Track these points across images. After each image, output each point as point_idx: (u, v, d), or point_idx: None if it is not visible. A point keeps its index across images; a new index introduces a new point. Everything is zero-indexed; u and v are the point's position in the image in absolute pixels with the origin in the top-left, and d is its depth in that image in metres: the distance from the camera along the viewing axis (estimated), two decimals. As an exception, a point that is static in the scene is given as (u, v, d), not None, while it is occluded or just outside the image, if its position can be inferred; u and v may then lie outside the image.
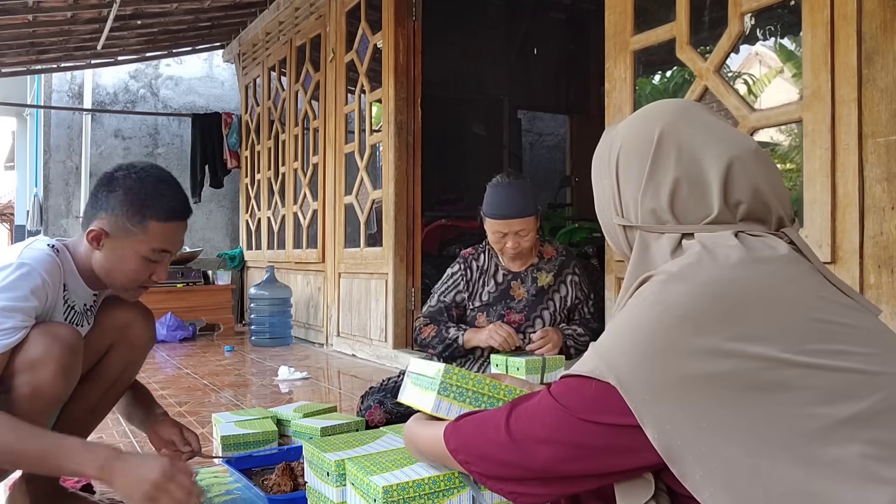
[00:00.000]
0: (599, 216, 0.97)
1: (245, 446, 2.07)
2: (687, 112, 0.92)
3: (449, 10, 6.13)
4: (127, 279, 1.51)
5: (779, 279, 0.78)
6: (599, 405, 0.78)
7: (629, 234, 0.92)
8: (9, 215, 13.48)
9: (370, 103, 4.48)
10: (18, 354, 1.35)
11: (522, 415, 0.86)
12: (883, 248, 1.79)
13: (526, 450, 0.84)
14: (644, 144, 0.89)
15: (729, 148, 0.88)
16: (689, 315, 0.75)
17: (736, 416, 0.72)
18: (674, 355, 0.74)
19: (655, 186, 0.87)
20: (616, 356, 0.77)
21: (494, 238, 2.26)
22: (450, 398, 1.20)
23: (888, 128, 1.78)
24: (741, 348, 0.73)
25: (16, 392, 1.34)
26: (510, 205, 2.19)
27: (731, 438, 0.72)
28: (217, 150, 6.68)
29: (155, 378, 3.70)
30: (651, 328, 0.76)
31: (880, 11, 1.81)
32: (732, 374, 0.72)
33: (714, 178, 0.85)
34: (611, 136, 0.95)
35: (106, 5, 4.73)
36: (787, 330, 0.74)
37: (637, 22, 2.57)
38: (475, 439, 0.93)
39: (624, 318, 0.81)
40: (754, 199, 0.86)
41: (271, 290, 5.00)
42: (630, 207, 0.90)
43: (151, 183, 1.47)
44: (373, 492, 1.27)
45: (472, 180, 6.71)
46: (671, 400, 0.73)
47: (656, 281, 0.81)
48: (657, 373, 0.74)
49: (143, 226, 1.46)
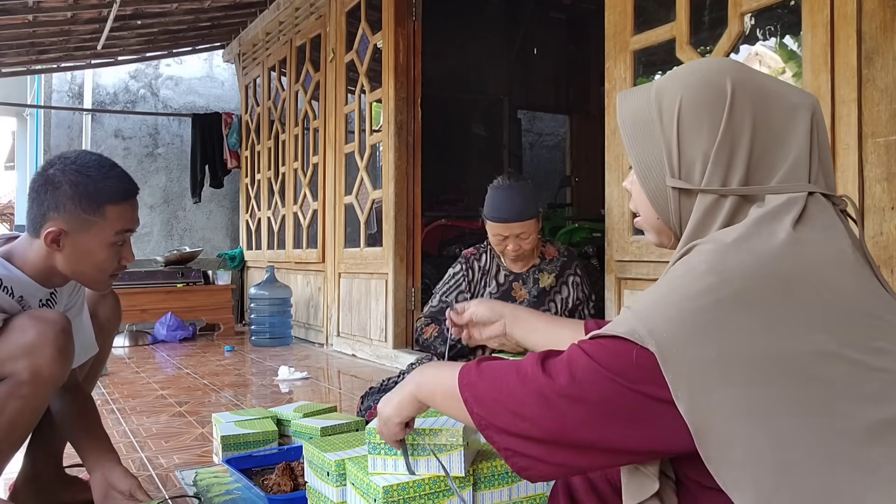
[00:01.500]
0: (643, 182, 0.86)
1: (245, 446, 2.07)
2: (745, 65, 0.85)
3: (449, 10, 6.13)
4: (98, 270, 1.48)
5: (839, 265, 0.74)
6: (634, 369, 0.72)
7: (684, 199, 0.82)
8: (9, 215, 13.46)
9: (370, 103, 4.48)
10: (11, 343, 1.34)
11: (550, 367, 0.79)
12: (883, 248, 1.79)
13: (546, 403, 0.76)
14: (716, 96, 0.80)
15: (806, 98, 0.82)
16: (744, 291, 0.70)
17: (776, 404, 0.68)
18: (722, 331, 0.69)
19: (732, 141, 0.79)
20: (658, 323, 0.71)
21: (495, 240, 2.26)
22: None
23: (888, 128, 1.78)
24: (795, 335, 0.69)
25: (15, 379, 1.34)
26: (511, 208, 2.19)
27: (766, 426, 0.68)
28: (217, 150, 6.68)
29: (155, 378, 3.70)
30: (701, 299, 0.71)
31: (880, 11, 1.81)
32: (781, 360, 0.68)
33: (799, 131, 0.80)
34: (656, 93, 0.85)
35: (106, 5, 4.73)
36: (843, 322, 0.70)
37: (637, 22, 2.57)
38: (490, 382, 0.84)
39: (670, 284, 0.74)
40: (825, 157, 0.81)
41: (271, 290, 5.00)
42: (696, 167, 0.81)
43: (94, 170, 1.46)
44: (373, 492, 1.27)
45: (472, 180, 6.73)
46: (711, 377, 0.69)
47: (709, 250, 0.75)
48: (701, 347, 0.69)
49: (101, 213, 1.44)
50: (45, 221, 1.44)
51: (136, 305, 5.15)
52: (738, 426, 0.69)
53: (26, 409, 1.36)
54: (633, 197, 0.91)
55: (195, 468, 2.04)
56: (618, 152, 2.61)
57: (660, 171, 0.84)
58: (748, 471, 0.69)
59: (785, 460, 0.68)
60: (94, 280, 1.51)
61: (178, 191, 6.99)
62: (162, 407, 2.93)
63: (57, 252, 1.45)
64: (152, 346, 5.10)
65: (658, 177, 0.84)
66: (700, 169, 0.81)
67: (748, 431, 0.69)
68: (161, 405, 2.97)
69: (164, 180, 6.96)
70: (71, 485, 1.71)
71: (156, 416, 2.75)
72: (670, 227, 0.86)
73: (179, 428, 2.57)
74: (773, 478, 0.68)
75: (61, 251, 1.45)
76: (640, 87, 0.89)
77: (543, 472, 0.80)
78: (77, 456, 1.63)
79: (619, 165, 2.61)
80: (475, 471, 1.35)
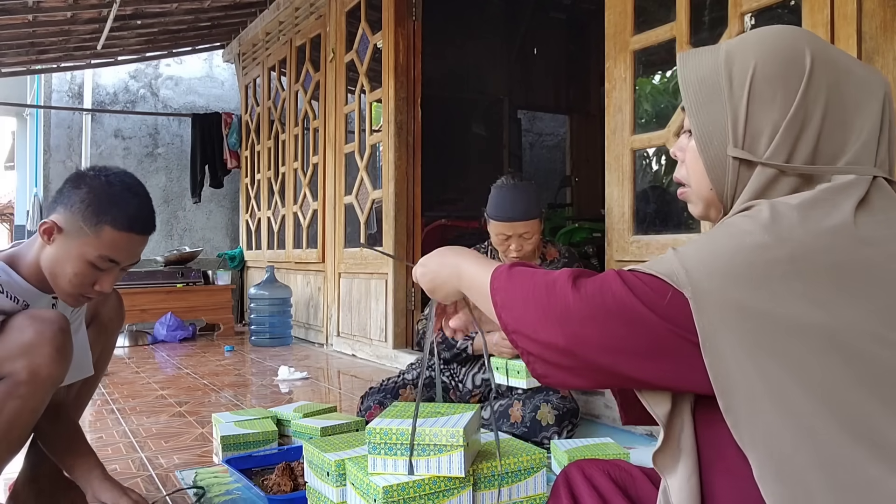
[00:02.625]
0: (703, 150, 0.82)
1: (245, 446, 2.07)
2: (819, 37, 0.82)
3: (449, 10, 6.12)
4: (67, 282, 1.43)
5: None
6: (667, 307, 0.71)
7: (743, 171, 0.79)
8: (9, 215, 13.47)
9: (370, 103, 4.48)
10: (9, 343, 1.34)
11: (582, 285, 0.77)
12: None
13: (570, 319, 0.76)
14: (795, 67, 0.77)
15: (878, 76, 0.80)
16: (798, 255, 0.68)
17: (808, 371, 0.67)
18: (766, 289, 0.68)
19: (805, 116, 0.76)
20: (701, 270, 0.70)
21: (498, 240, 2.25)
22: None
23: (888, 128, 1.78)
24: (841, 308, 0.67)
25: (13, 379, 1.33)
26: (514, 207, 2.19)
27: (794, 392, 0.67)
28: (217, 150, 6.68)
29: (155, 378, 3.70)
30: (751, 254, 0.69)
31: (880, 11, 1.81)
32: (821, 330, 0.67)
33: (871, 111, 0.77)
34: (726, 57, 0.81)
35: (106, 5, 4.73)
36: (891, 309, 0.69)
37: (637, 22, 2.57)
38: (520, 289, 0.82)
39: (722, 234, 0.73)
40: (893, 140, 0.79)
41: (271, 290, 5.00)
42: (761, 139, 0.78)
43: (118, 189, 1.43)
44: (373, 492, 1.27)
45: (472, 180, 6.72)
46: (744, 333, 0.68)
47: (770, 208, 0.73)
48: (740, 301, 0.68)
49: (96, 228, 1.40)
50: (52, 212, 1.44)
51: (135, 305, 5.15)
52: (761, 386, 0.68)
53: (24, 408, 1.35)
54: (687, 164, 0.87)
55: (195, 468, 2.04)
56: (618, 152, 2.61)
57: (721, 140, 0.80)
58: (768, 433, 0.68)
59: (809, 430, 0.67)
60: (62, 290, 1.46)
61: (177, 191, 6.99)
62: (162, 407, 2.93)
63: (47, 247, 1.44)
64: (152, 346, 5.10)
65: (719, 145, 0.80)
66: (766, 142, 0.78)
67: (772, 393, 0.67)
68: (161, 405, 2.97)
69: (163, 180, 6.96)
70: (71, 488, 1.71)
71: (156, 417, 2.75)
72: (721, 200, 0.83)
73: (179, 428, 2.57)
74: (792, 445, 0.67)
75: (50, 247, 1.43)
76: (705, 49, 0.85)
77: (560, 380, 0.80)
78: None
79: (619, 165, 2.60)
80: (475, 471, 1.35)
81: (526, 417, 2.18)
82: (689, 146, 0.86)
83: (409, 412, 1.40)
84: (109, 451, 2.25)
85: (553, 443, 2.02)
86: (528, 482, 1.41)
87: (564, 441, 2.03)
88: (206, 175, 6.66)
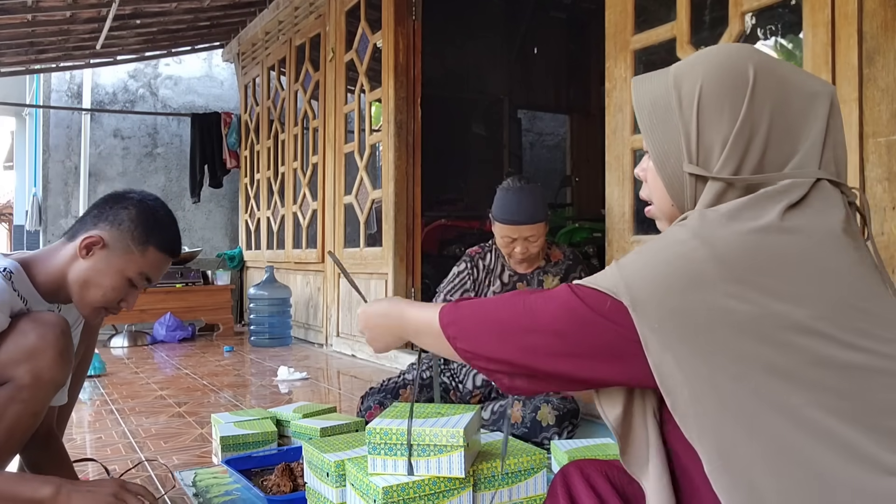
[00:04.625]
0: (659, 169, 0.86)
1: (245, 447, 2.07)
2: (764, 52, 0.86)
3: (449, 10, 6.12)
4: (101, 295, 1.48)
5: (820, 247, 0.75)
6: (612, 312, 0.76)
7: (700, 185, 0.83)
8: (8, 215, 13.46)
9: (370, 103, 4.47)
10: (12, 347, 1.34)
11: (535, 299, 0.83)
12: (884, 247, 1.79)
13: (528, 331, 0.82)
14: (738, 82, 0.80)
15: (824, 86, 0.82)
16: (724, 256, 0.72)
17: (743, 365, 0.71)
18: (698, 292, 0.72)
19: (751, 128, 0.79)
20: (638, 279, 0.75)
21: (503, 242, 2.24)
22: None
23: (889, 127, 1.78)
24: (768, 302, 0.71)
25: (16, 383, 1.34)
26: (520, 210, 2.17)
27: (729, 387, 0.71)
28: (216, 150, 6.67)
29: (154, 378, 3.69)
30: (682, 260, 0.74)
31: (881, 11, 1.80)
32: (752, 324, 0.70)
33: (816, 118, 0.80)
34: (674, 79, 0.85)
35: (105, 5, 4.72)
36: (818, 300, 0.72)
37: (637, 21, 2.57)
38: (475, 315, 0.89)
39: (657, 245, 0.78)
40: (839, 145, 0.81)
41: (271, 291, 4.99)
42: (713, 152, 0.81)
43: (162, 214, 1.55)
44: (373, 492, 1.27)
45: (472, 180, 6.73)
46: (682, 335, 0.72)
47: (699, 217, 0.78)
48: (675, 306, 0.72)
49: (143, 248, 1.49)
50: (93, 228, 1.48)
51: (135, 305, 5.12)
52: (705, 387, 0.72)
53: (26, 412, 1.36)
54: (648, 184, 0.91)
55: (194, 469, 2.04)
56: (618, 152, 2.61)
57: (677, 158, 0.84)
58: (712, 428, 0.72)
59: (748, 423, 0.71)
60: (89, 302, 1.49)
61: (177, 191, 6.98)
62: (161, 407, 2.93)
63: (80, 260, 1.47)
64: (151, 346, 5.10)
65: (675, 163, 0.84)
66: (717, 156, 0.81)
67: (715, 392, 0.72)
68: (160, 406, 2.97)
69: (163, 180, 6.95)
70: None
71: (155, 417, 2.75)
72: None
73: (179, 428, 2.56)
74: (735, 433, 0.71)
75: (86, 260, 1.47)
76: (656, 73, 0.88)
77: (525, 390, 0.87)
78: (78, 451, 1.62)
79: (619, 165, 2.60)
80: (475, 471, 1.35)
81: (526, 418, 2.18)
82: (648, 166, 0.90)
83: (407, 413, 1.40)
84: (109, 451, 2.24)
85: (553, 443, 2.01)
86: (529, 483, 1.41)
87: (564, 441, 2.02)
88: (206, 175, 6.65)
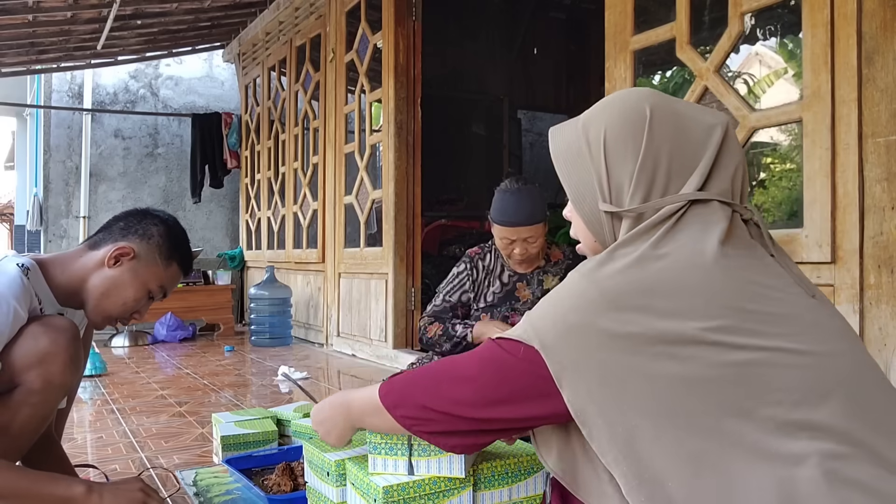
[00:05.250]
0: (578, 210, 0.94)
1: (245, 446, 2.07)
2: (661, 93, 0.94)
3: (449, 10, 6.12)
4: (121, 304, 1.52)
5: (702, 265, 0.81)
6: (527, 354, 0.84)
7: (616, 222, 0.90)
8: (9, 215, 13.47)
9: (370, 103, 4.48)
10: (23, 351, 1.34)
11: (463, 355, 0.94)
12: (883, 248, 1.79)
13: (454, 383, 0.90)
14: (636, 121, 0.88)
15: (718, 117, 0.90)
16: (606, 291, 0.80)
17: (643, 385, 0.77)
18: (590, 326, 0.79)
19: (654, 160, 0.87)
20: (542, 324, 0.83)
21: (502, 244, 2.24)
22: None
23: (888, 127, 1.78)
24: (651, 322, 0.77)
25: (27, 387, 1.35)
26: (518, 212, 2.17)
27: (635, 407, 0.77)
28: (217, 150, 6.68)
29: (155, 378, 3.70)
30: (574, 301, 0.82)
31: (880, 11, 1.80)
32: (643, 344, 0.77)
33: (710, 146, 0.87)
34: (583, 126, 0.93)
35: (106, 5, 4.73)
36: (703, 312, 0.78)
37: (637, 22, 2.57)
38: (409, 381, 0.98)
39: (558, 293, 0.86)
40: (731, 167, 0.88)
41: (271, 290, 5.00)
42: (623, 189, 0.88)
43: (183, 234, 1.64)
44: (373, 492, 1.27)
45: (472, 180, 6.72)
46: (585, 368, 0.79)
47: (590, 260, 0.87)
48: (575, 342, 0.80)
49: (168, 262, 1.56)
50: (124, 238, 1.52)
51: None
52: (610, 409, 0.78)
53: (35, 416, 1.37)
54: (573, 224, 0.99)
55: (195, 468, 2.04)
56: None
57: (593, 198, 0.91)
58: (626, 446, 0.77)
59: (655, 435, 0.76)
60: (107, 311, 1.52)
61: (177, 191, 6.99)
62: (162, 407, 2.93)
63: (104, 269, 1.50)
64: (152, 346, 5.10)
65: (591, 202, 0.91)
66: (626, 190, 0.88)
67: (621, 413, 0.78)
68: (161, 405, 2.97)
69: (163, 180, 6.96)
70: None
71: (156, 416, 2.75)
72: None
73: (179, 428, 2.57)
74: (645, 452, 0.76)
75: (112, 269, 1.50)
76: (569, 122, 0.97)
77: (448, 443, 0.95)
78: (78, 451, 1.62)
79: (619, 165, 2.60)
80: (475, 471, 1.35)
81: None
82: (572, 208, 0.98)
83: None
84: (109, 451, 2.25)
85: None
86: (528, 482, 1.41)
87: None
88: (206, 175, 6.66)
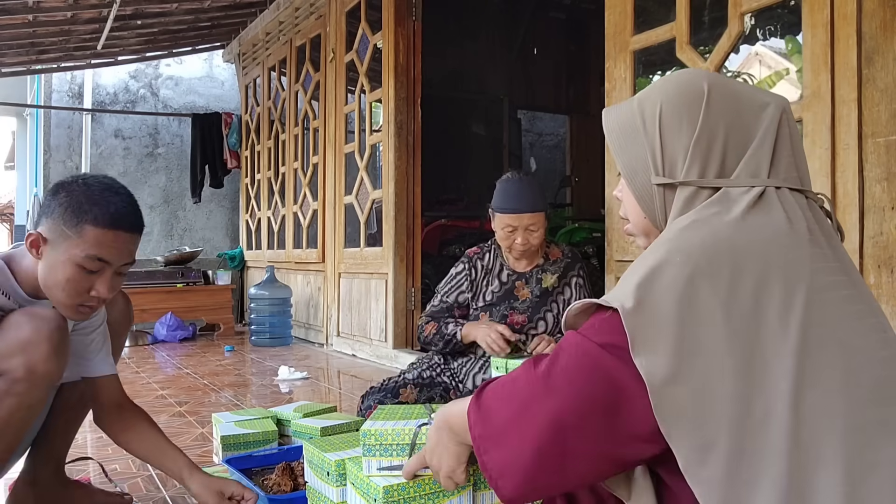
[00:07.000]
0: (630, 185, 0.93)
1: (245, 446, 2.07)
2: (714, 73, 0.93)
3: (449, 10, 6.13)
4: (61, 290, 1.38)
5: (775, 241, 0.80)
6: (607, 330, 0.80)
7: (668, 195, 0.90)
8: (9, 215, 13.48)
9: (370, 103, 4.48)
10: (6, 339, 1.34)
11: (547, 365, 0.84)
12: (883, 248, 1.79)
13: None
14: (694, 96, 0.89)
15: (775, 98, 0.90)
16: (694, 260, 0.78)
17: (717, 360, 0.75)
18: (673, 294, 0.77)
19: (709, 135, 0.87)
20: (622, 292, 0.80)
21: (504, 234, 2.25)
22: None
23: (888, 128, 1.78)
24: (736, 298, 0.76)
25: (10, 376, 1.33)
26: (520, 199, 2.19)
27: (709, 381, 0.74)
28: (217, 150, 6.68)
29: (155, 378, 3.70)
30: (657, 268, 0.79)
31: (880, 11, 1.81)
32: (724, 318, 0.75)
33: (768, 126, 0.87)
34: (638, 103, 0.93)
35: (106, 5, 4.73)
36: (785, 289, 0.77)
37: (637, 22, 2.57)
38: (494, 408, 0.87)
39: (635, 265, 0.84)
40: (795, 151, 0.88)
41: (271, 290, 5.00)
42: (677, 163, 0.88)
43: (97, 190, 1.39)
44: (373, 492, 1.27)
45: (472, 180, 6.72)
46: (663, 336, 0.76)
47: (669, 230, 0.85)
48: (654, 309, 0.77)
49: (78, 229, 1.36)
50: (36, 226, 1.41)
51: (136, 305, 5.06)
52: (693, 376, 0.75)
53: (21, 406, 1.35)
54: (623, 202, 0.98)
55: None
56: (618, 152, 2.61)
57: (645, 172, 0.91)
58: (693, 420, 0.75)
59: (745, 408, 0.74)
60: (58, 301, 1.41)
61: (177, 191, 6.99)
62: (162, 407, 2.93)
63: (38, 260, 1.41)
64: (152, 346, 5.10)
65: (644, 177, 0.91)
66: (681, 164, 0.88)
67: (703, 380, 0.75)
68: (161, 405, 2.97)
69: (163, 180, 6.96)
70: (72, 489, 1.71)
71: (156, 416, 2.74)
72: (658, 228, 0.92)
73: (179, 428, 2.57)
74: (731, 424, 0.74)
75: (42, 261, 1.40)
76: (623, 102, 0.97)
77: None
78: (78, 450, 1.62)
79: (619, 165, 2.60)
80: (475, 471, 1.35)
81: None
82: (622, 185, 0.97)
83: (398, 413, 1.41)
84: (110, 450, 2.25)
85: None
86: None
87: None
88: (207, 175, 6.66)
